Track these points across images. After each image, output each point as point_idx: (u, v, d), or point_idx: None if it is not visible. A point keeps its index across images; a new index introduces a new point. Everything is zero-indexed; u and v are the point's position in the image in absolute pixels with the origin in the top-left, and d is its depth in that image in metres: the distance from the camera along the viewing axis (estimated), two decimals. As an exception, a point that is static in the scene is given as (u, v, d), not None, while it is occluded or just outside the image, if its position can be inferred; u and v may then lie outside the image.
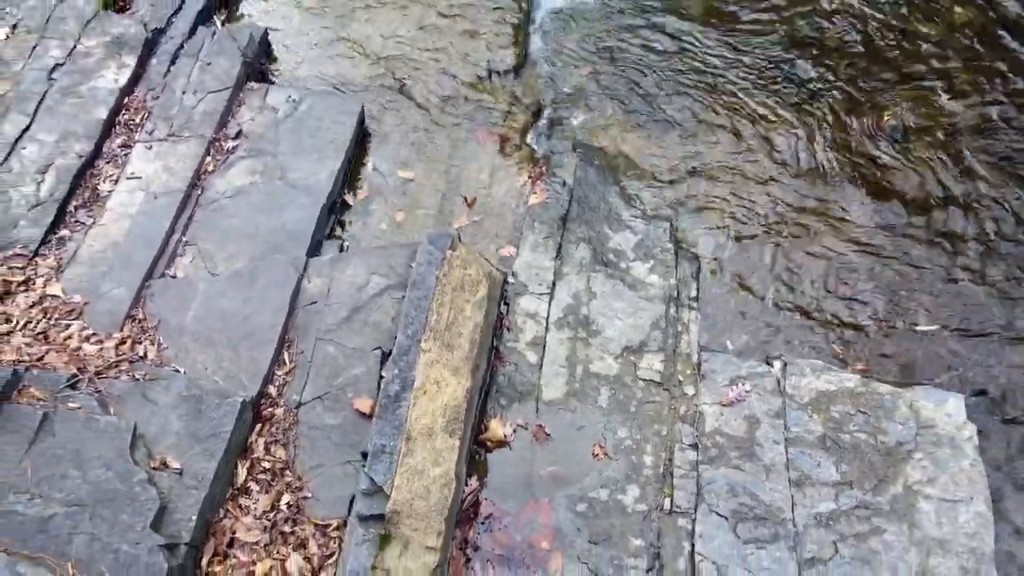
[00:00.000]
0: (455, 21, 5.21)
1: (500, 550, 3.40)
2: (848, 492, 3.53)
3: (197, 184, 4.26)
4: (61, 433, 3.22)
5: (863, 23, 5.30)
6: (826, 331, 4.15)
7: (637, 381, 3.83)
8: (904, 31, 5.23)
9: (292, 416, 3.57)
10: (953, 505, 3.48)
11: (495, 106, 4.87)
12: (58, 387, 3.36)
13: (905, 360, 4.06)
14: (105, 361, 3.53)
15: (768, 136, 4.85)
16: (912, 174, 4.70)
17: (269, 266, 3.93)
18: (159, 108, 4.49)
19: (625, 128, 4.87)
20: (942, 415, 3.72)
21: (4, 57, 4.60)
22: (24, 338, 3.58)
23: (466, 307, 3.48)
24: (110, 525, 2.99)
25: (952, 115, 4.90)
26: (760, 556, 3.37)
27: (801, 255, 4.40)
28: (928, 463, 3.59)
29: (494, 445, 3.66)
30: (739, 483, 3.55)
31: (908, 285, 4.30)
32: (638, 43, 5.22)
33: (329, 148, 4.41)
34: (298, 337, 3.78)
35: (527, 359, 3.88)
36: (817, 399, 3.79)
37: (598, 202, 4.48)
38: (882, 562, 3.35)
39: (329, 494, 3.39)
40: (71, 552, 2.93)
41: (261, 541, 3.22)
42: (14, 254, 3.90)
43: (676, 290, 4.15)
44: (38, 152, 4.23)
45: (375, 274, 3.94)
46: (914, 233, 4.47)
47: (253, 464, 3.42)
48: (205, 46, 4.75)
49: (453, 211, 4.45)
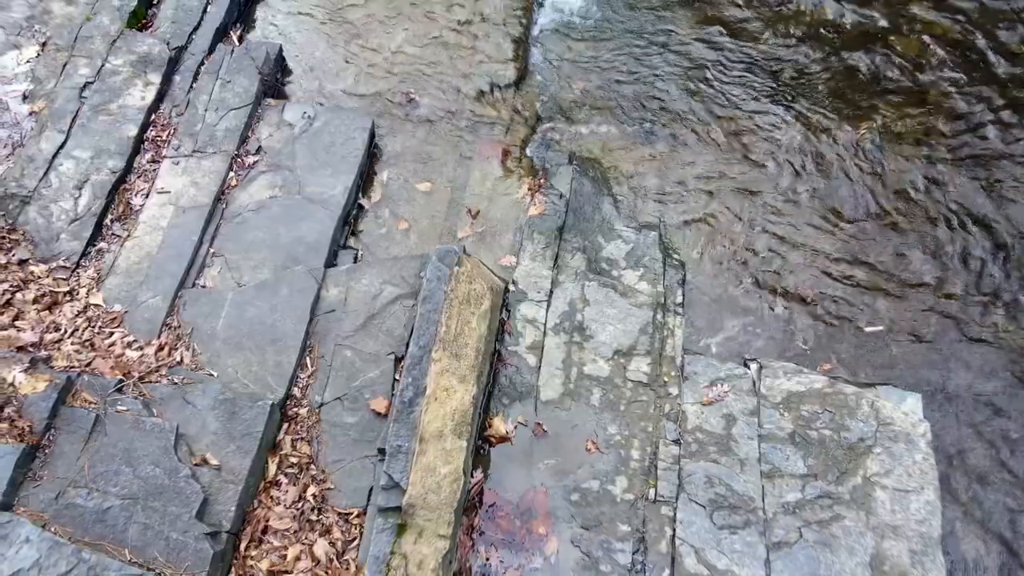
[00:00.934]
0: (460, 36, 5.51)
1: (502, 535, 3.82)
2: (813, 483, 3.94)
3: (222, 198, 4.61)
4: (112, 433, 3.62)
5: (845, 39, 5.60)
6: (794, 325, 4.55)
7: (626, 382, 4.23)
8: (885, 44, 5.53)
9: (315, 415, 3.97)
10: (906, 494, 3.90)
11: (497, 120, 5.20)
12: (107, 391, 3.75)
13: (851, 358, 4.46)
14: (147, 366, 3.91)
15: (752, 147, 5.19)
16: (888, 183, 5.05)
17: (290, 277, 4.30)
18: (184, 125, 4.82)
19: (618, 140, 5.20)
20: (900, 413, 4.13)
21: (37, 75, 4.91)
22: (73, 345, 3.96)
23: (472, 319, 3.86)
24: (160, 516, 3.41)
25: (927, 127, 5.23)
26: (733, 540, 3.80)
27: (777, 257, 4.78)
28: (885, 457, 4.01)
29: (497, 440, 4.06)
30: (716, 475, 3.97)
31: (869, 289, 4.68)
32: (631, 57, 5.53)
33: (342, 164, 4.75)
34: (319, 343, 4.17)
35: (527, 362, 4.27)
36: (788, 399, 4.19)
37: (592, 213, 4.83)
38: (841, 545, 3.78)
39: (350, 485, 3.80)
40: (127, 540, 3.35)
41: (291, 528, 3.64)
42: (58, 266, 4.26)
43: (663, 297, 4.53)
44: (74, 168, 4.57)
45: (387, 284, 4.31)
46: (882, 238, 4.84)
47: (282, 459, 3.83)
48: (224, 64, 5.06)
49: (458, 221, 4.80)
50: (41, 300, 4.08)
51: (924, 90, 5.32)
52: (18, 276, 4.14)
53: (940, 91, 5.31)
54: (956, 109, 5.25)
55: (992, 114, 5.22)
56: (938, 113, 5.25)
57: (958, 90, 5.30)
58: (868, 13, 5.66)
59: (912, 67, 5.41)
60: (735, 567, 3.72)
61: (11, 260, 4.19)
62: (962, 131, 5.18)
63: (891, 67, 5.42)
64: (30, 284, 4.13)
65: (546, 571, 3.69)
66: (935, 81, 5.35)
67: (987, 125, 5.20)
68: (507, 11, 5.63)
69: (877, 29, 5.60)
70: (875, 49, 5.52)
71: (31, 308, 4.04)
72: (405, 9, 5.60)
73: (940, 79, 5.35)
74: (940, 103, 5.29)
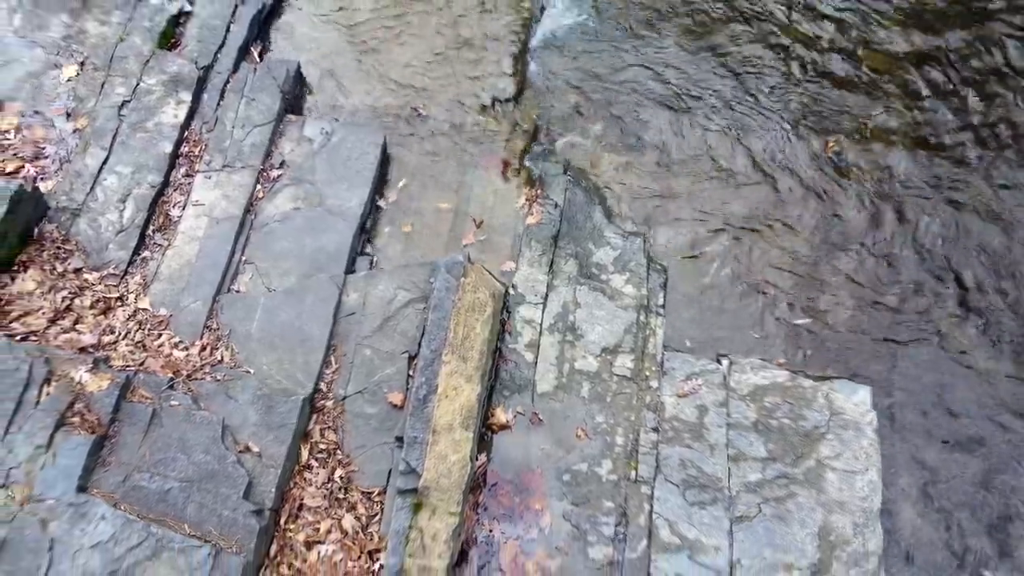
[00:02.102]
0: (464, 52, 5.95)
1: (503, 510, 4.43)
2: (772, 465, 4.55)
3: (250, 210, 5.12)
4: (167, 425, 4.20)
5: (824, 56, 6.05)
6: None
7: (612, 376, 4.80)
8: (856, 61, 5.99)
9: (340, 407, 4.55)
10: (852, 475, 4.51)
11: (497, 132, 5.68)
12: (160, 388, 4.32)
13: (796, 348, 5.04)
14: (193, 365, 4.48)
15: (734, 156, 5.68)
16: (850, 192, 5.56)
17: (315, 284, 4.84)
18: (213, 141, 5.31)
19: (607, 150, 5.69)
20: (851, 404, 4.72)
21: (78, 94, 5.38)
22: (127, 347, 4.52)
23: (476, 325, 4.41)
24: (213, 496, 4.01)
25: (888, 140, 5.72)
26: (702, 515, 4.41)
27: (747, 256, 5.32)
28: (836, 442, 4.60)
29: (499, 428, 4.65)
30: (689, 458, 4.57)
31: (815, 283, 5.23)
32: (621, 70, 5.98)
33: (358, 178, 5.25)
34: (341, 343, 4.73)
35: (525, 358, 4.84)
36: (754, 391, 4.77)
37: (584, 221, 5.35)
38: (794, 519, 4.39)
39: (371, 468, 4.40)
40: (186, 516, 3.96)
41: (322, 505, 4.25)
42: (108, 273, 4.79)
43: (647, 299, 5.08)
44: (117, 183, 5.07)
45: (401, 289, 4.86)
46: (844, 243, 5.38)
47: (312, 446, 4.42)
48: (248, 82, 5.52)
49: (462, 227, 5.32)
50: (96, 305, 4.63)
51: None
52: (75, 283, 4.68)
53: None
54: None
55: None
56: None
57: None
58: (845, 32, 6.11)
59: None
60: (703, 537, 4.34)
61: (68, 268, 4.72)
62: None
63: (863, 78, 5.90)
64: (85, 291, 4.67)
65: (541, 541, 4.31)
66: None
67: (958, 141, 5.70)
68: (507, 28, 6.07)
69: (852, 39, 6.06)
70: (850, 63, 5.98)
71: (88, 313, 4.59)
72: (414, 26, 6.04)
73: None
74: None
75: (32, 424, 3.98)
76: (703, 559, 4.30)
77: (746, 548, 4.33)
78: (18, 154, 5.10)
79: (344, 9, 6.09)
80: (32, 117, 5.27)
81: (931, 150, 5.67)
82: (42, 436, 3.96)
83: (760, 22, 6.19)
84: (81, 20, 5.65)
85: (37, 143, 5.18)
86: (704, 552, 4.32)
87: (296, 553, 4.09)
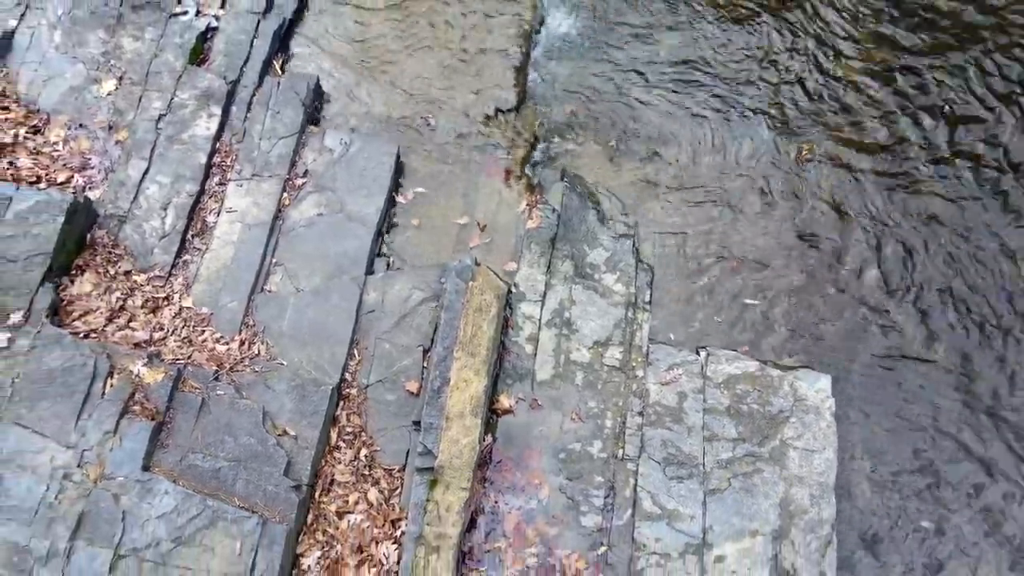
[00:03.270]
0: (469, 64, 6.45)
1: (506, 483, 5.09)
2: (742, 445, 5.20)
3: (279, 216, 5.68)
4: (215, 412, 4.83)
5: (805, 69, 6.55)
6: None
7: (603, 367, 5.42)
8: (829, 77, 6.50)
9: (363, 395, 5.18)
10: (811, 453, 5.17)
11: (501, 141, 6.21)
12: (207, 380, 4.94)
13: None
14: (234, 359, 5.09)
15: (730, 167, 6.23)
16: (821, 192, 6.13)
17: (338, 284, 5.43)
18: (243, 152, 5.84)
19: (601, 156, 6.23)
20: (813, 391, 5.36)
21: (118, 107, 5.89)
22: (175, 342, 5.12)
23: (483, 323, 5.02)
24: (258, 474, 4.66)
25: (857, 148, 6.26)
26: (680, 488, 5.08)
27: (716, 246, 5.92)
28: (798, 425, 5.25)
29: (503, 412, 5.28)
30: (669, 439, 5.22)
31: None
32: (614, 79, 6.49)
33: (374, 186, 5.80)
34: (363, 337, 5.34)
35: (525, 350, 5.45)
36: (728, 380, 5.40)
37: (579, 224, 5.92)
38: (759, 491, 5.06)
39: (392, 448, 5.05)
40: (236, 491, 4.61)
41: (350, 480, 4.91)
42: (154, 275, 5.38)
43: (635, 296, 5.68)
44: (158, 192, 5.62)
45: (415, 289, 5.45)
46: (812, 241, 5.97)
47: (340, 429, 5.06)
48: (272, 96, 6.03)
49: (469, 230, 5.88)
50: (146, 305, 5.22)
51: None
52: (126, 285, 5.26)
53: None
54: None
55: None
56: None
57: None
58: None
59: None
60: (680, 507, 5.02)
61: (119, 271, 5.30)
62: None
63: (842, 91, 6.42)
64: (136, 291, 5.26)
65: (540, 511, 4.98)
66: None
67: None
68: (509, 40, 6.55)
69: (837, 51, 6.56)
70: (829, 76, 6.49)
71: (140, 311, 5.18)
72: (422, 39, 6.51)
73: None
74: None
75: (100, 412, 4.61)
76: (680, 526, 4.97)
77: (717, 516, 5.00)
78: (67, 164, 5.64)
79: (358, 23, 6.56)
80: (77, 129, 5.79)
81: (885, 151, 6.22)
82: (109, 423, 4.59)
83: (749, 35, 6.67)
84: (117, 36, 6.13)
85: (83, 154, 5.71)
86: (681, 520, 4.99)
87: (329, 521, 4.76)
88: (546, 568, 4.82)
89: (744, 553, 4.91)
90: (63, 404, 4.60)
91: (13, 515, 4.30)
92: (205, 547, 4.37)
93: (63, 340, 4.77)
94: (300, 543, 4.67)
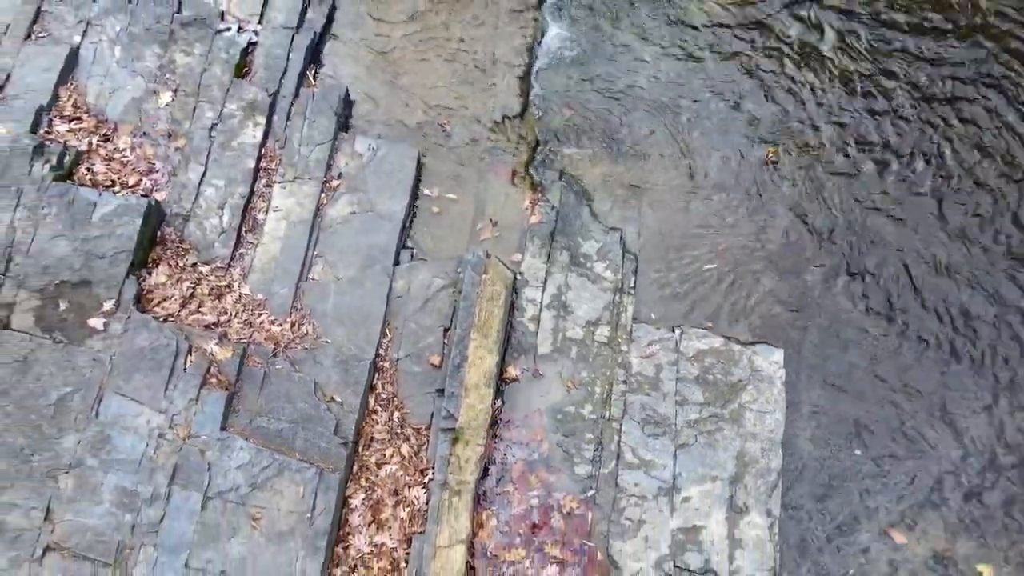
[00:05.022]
0: (479, 74, 7.32)
1: (514, 439, 6.20)
2: (707, 408, 6.31)
3: (318, 214, 6.64)
4: (275, 383, 5.89)
5: (791, 78, 7.44)
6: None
7: (593, 343, 6.48)
8: (794, 81, 7.39)
9: (394, 367, 6.25)
10: (764, 414, 6.28)
11: (507, 145, 7.13)
12: (267, 356, 5.99)
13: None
14: (287, 338, 6.14)
15: (707, 167, 7.17)
16: (784, 192, 7.10)
17: (371, 273, 6.44)
18: (285, 157, 6.77)
19: (594, 157, 7.17)
20: (768, 363, 6.44)
21: (175, 117, 6.78)
22: (238, 324, 6.15)
23: (494, 310, 6.06)
24: (313, 433, 5.75)
25: (818, 151, 7.21)
26: (655, 443, 6.20)
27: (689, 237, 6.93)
28: (754, 391, 6.35)
29: (510, 380, 6.35)
30: (647, 403, 6.32)
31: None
32: (608, 87, 7.37)
33: (399, 187, 6.75)
34: (393, 319, 6.37)
35: (529, 329, 6.50)
36: (697, 354, 6.48)
37: (575, 219, 6.90)
38: (720, 446, 6.19)
39: (419, 411, 6.14)
40: (296, 447, 5.71)
41: (386, 438, 6.01)
42: (216, 267, 6.36)
43: (621, 283, 6.70)
44: (215, 194, 6.57)
45: (436, 277, 6.47)
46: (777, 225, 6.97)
47: (376, 396, 6.14)
48: (308, 105, 6.92)
49: (481, 224, 6.85)
50: (211, 292, 6.23)
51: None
52: (193, 275, 6.26)
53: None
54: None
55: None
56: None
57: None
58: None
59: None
60: (655, 459, 6.15)
61: (186, 263, 6.30)
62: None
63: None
64: (202, 281, 6.26)
65: (541, 462, 6.10)
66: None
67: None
68: (515, 52, 7.41)
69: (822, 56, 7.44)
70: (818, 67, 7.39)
71: (207, 298, 6.20)
72: (437, 52, 7.36)
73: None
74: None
75: (183, 384, 5.67)
76: (654, 473, 6.11)
77: (685, 465, 6.14)
78: (135, 169, 6.57)
79: (379, 35, 7.40)
80: (141, 137, 6.70)
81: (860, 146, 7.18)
82: (192, 392, 5.65)
83: (738, 40, 7.53)
84: (170, 51, 6.98)
85: (148, 159, 6.64)
86: (656, 468, 6.13)
87: (371, 471, 5.89)
88: (545, 507, 5.97)
89: (706, 494, 6.06)
90: (153, 377, 5.66)
91: (121, 466, 5.41)
92: (275, 491, 5.49)
93: (149, 324, 5.80)
94: (348, 488, 5.80)
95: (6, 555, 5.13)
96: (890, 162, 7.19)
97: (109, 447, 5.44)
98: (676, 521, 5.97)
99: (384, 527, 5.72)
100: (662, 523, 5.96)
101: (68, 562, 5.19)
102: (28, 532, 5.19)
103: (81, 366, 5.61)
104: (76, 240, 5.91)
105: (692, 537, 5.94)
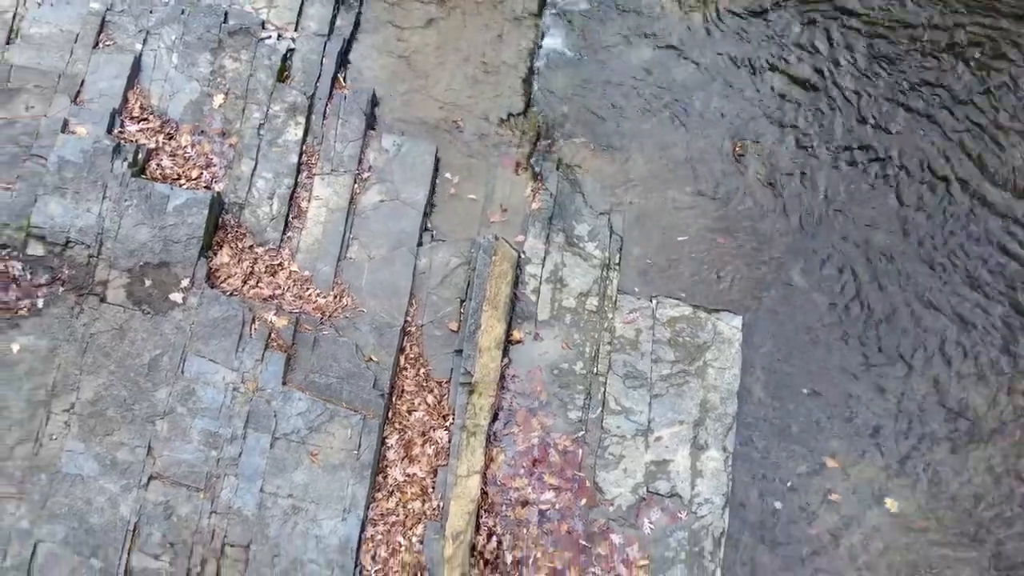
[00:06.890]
0: (488, 75, 8.40)
1: (518, 391, 7.55)
2: (677, 365, 7.66)
3: (352, 202, 7.84)
4: (323, 347, 7.21)
5: (759, 79, 8.53)
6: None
7: (584, 311, 7.79)
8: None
9: (419, 332, 7.56)
10: (723, 370, 7.64)
11: (512, 139, 8.28)
12: (316, 324, 7.29)
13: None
14: (331, 309, 7.42)
15: (683, 158, 8.33)
16: (748, 180, 8.29)
17: (398, 254, 7.68)
18: (323, 153, 7.92)
19: (589, 151, 8.33)
20: (729, 327, 7.77)
21: (227, 117, 7.90)
22: (290, 297, 7.43)
23: (502, 285, 7.34)
24: (356, 387, 7.10)
25: (779, 144, 8.37)
26: (634, 394, 7.57)
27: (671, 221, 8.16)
28: (716, 351, 7.69)
29: (515, 342, 7.66)
30: (628, 361, 7.67)
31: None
32: (602, 85, 8.47)
33: (421, 178, 7.93)
34: (417, 292, 7.65)
35: (530, 299, 7.78)
36: (670, 320, 7.80)
37: (569, 204, 8.11)
38: (687, 396, 7.56)
39: (440, 368, 7.48)
40: (343, 398, 7.05)
41: (415, 390, 7.36)
42: (269, 248, 7.59)
43: (608, 260, 7.96)
44: (265, 185, 7.75)
45: (453, 256, 7.72)
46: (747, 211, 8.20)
47: (405, 356, 7.47)
48: (340, 107, 8.03)
49: (490, 210, 8.05)
50: (267, 270, 7.48)
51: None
52: (251, 256, 7.51)
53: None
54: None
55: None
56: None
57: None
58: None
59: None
60: (633, 406, 7.53)
61: (245, 246, 7.53)
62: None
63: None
64: (258, 260, 7.51)
65: (540, 408, 7.48)
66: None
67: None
68: (519, 54, 8.47)
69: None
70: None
71: (263, 275, 7.46)
72: (450, 55, 8.43)
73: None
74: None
75: (251, 347, 6.99)
76: (633, 418, 7.51)
77: (657, 412, 7.53)
78: (196, 164, 7.73)
79: (400, 40, 8.45)
80: (199, 135, 7.83)
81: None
82: (257, 354, 6.97)
83: (713, 46, 8.60)
84: (220, 58, 8.05)
85: (207, 155, 7.79)
86: (634, 414, 7.52)
87: (403, 417, 7.26)
88: (544, 445, 7.38)
89: (674, 435, 7.47)
90: (226, 341, 6.97)
91: (206, 413, 6.77)
92: (328, 433, 6.88)
93: (219, 298, 7.08)
94: (385, 430, 7.18)
95: (119, 483, 6.54)
96: (844, 154, 8.36)
97: (194, 398, 6.79)
98: (649, 456, 7.39)
99: (415, 461, 7.13)
100: (638, 457, 7.38)
101: (168, 488, 6.60)
102: (135, 464, 6.58)
103: (167, 332, 6.91)
104: (155, 228, 7.14)
105: (662, 468, 7.37)
